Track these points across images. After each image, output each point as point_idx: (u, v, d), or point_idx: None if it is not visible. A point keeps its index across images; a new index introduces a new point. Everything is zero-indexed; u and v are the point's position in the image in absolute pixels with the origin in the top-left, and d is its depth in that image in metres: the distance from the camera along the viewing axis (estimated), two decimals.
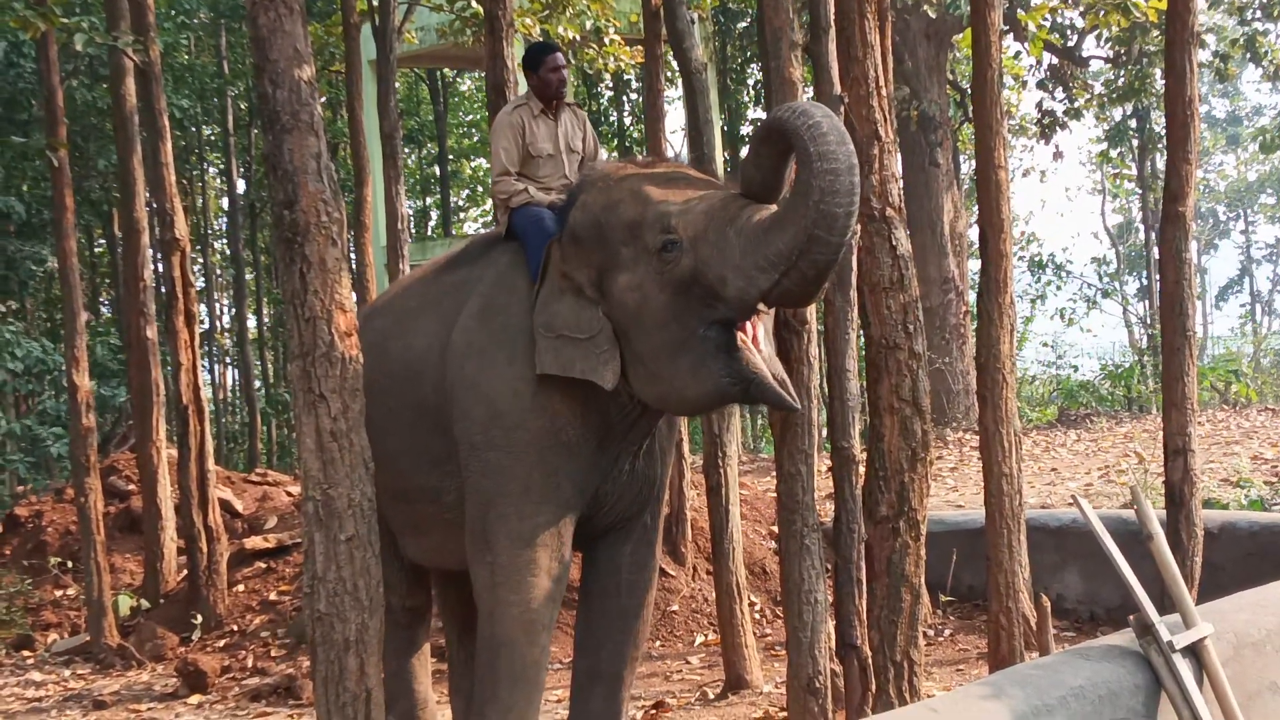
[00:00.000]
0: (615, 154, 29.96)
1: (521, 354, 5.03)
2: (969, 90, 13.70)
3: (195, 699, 8.38)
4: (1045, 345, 26.49)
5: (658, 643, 8.89)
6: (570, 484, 5.05)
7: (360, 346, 4.51)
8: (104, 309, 28.41)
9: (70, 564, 11.44)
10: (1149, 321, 26.46)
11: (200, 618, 9.84)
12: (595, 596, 5.41)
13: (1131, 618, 4.24)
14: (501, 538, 4.99)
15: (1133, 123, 25.10)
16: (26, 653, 10.21)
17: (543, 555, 5.00)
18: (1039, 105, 21.21)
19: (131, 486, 12.24)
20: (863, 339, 5.33)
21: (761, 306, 4.70)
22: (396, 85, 12.40)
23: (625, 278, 4.84)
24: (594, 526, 5.23)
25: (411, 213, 31.96)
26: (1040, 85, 21.32)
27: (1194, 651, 4.20)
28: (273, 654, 9.14)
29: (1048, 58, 20.43)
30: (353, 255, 12.82)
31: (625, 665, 5.32)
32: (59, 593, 11.36)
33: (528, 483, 4.99)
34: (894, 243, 5.07)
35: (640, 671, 8.07)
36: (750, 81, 26.81)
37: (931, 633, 8.63)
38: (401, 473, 5.46)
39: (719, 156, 16.82)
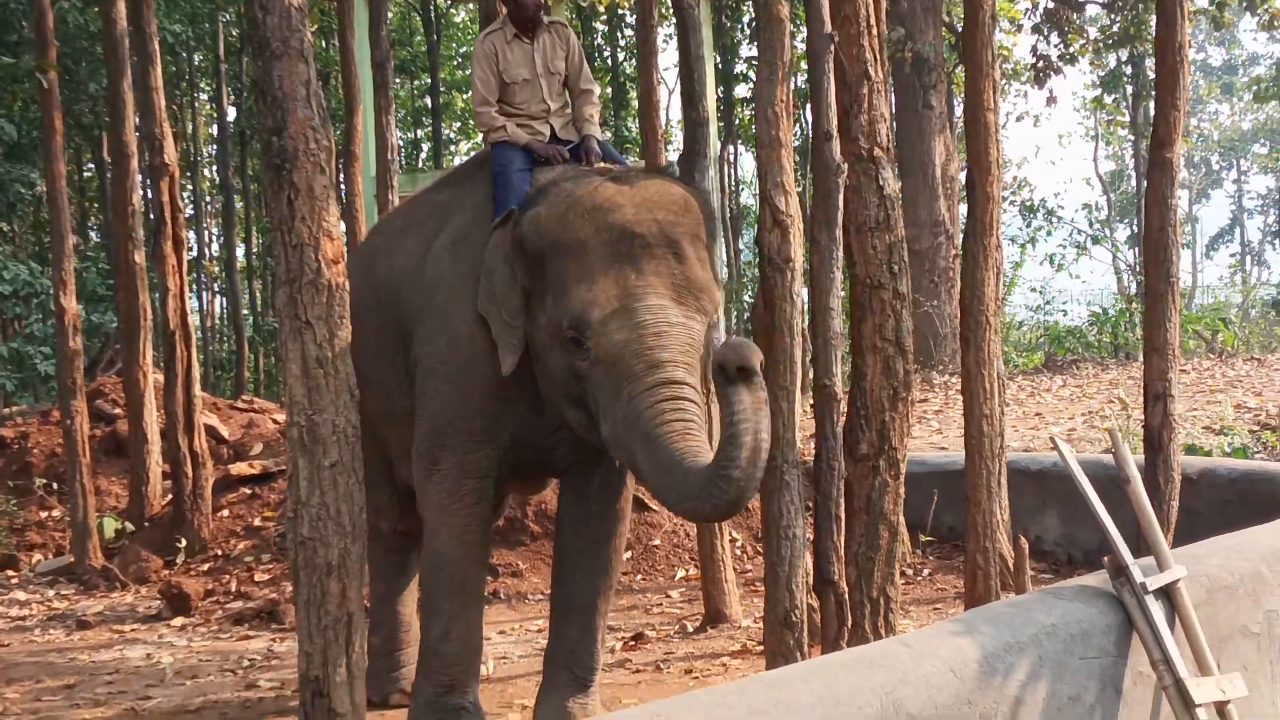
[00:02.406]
0: (609, 90, 29.86)
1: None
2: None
3: (178, 621, 8.43)
4: (1034, 291, 26.51)
5: (639, 576, 8.96)
6: (510, 430, 5.15)
7: (356, 265, 4.54)
8: (93, 234, 28.29)
9: (55, 486, 11.47)
10: (1138, 269, 26.47)
11: (184, 542, 9.89)
12: (567, 527, 5.47)
13: (1106, 559, 4.28)
14: (447, 464, 5.10)
15: (1127, 69, 25.06)
16: (11, 572, 10.25)
17: (484, 484, 5.16)
18: (1033, 49, 21.14)
19: (118, 410, 12.26)
20: (847, 278, 5.35)
21: None
22: (389, 14, 12.34)
23: (543, 319, 4.85)
24: (556, 459, 5.26)
25: (402, 144, 31.82)
26: (1035, 29, 21.22)
27: (1167, 594, 4.24)
28: (256, 579, 9.20)
29: (1043, 1, 20.36)
30: (342, 185, 12.78)
31: (599, 594, 5.37)
32: (44, 514, 11.40)
33: (472, 422, 5.08)
34: (881, 183, 5.09)
35: (621, 604, 8.15)
36: (745, 19, 26.66)
37: (910, 572, 8.71)
38: (388, 394, 5.50)
39: (711, 94, 16.76)
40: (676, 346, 4.56)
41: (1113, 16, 21.01)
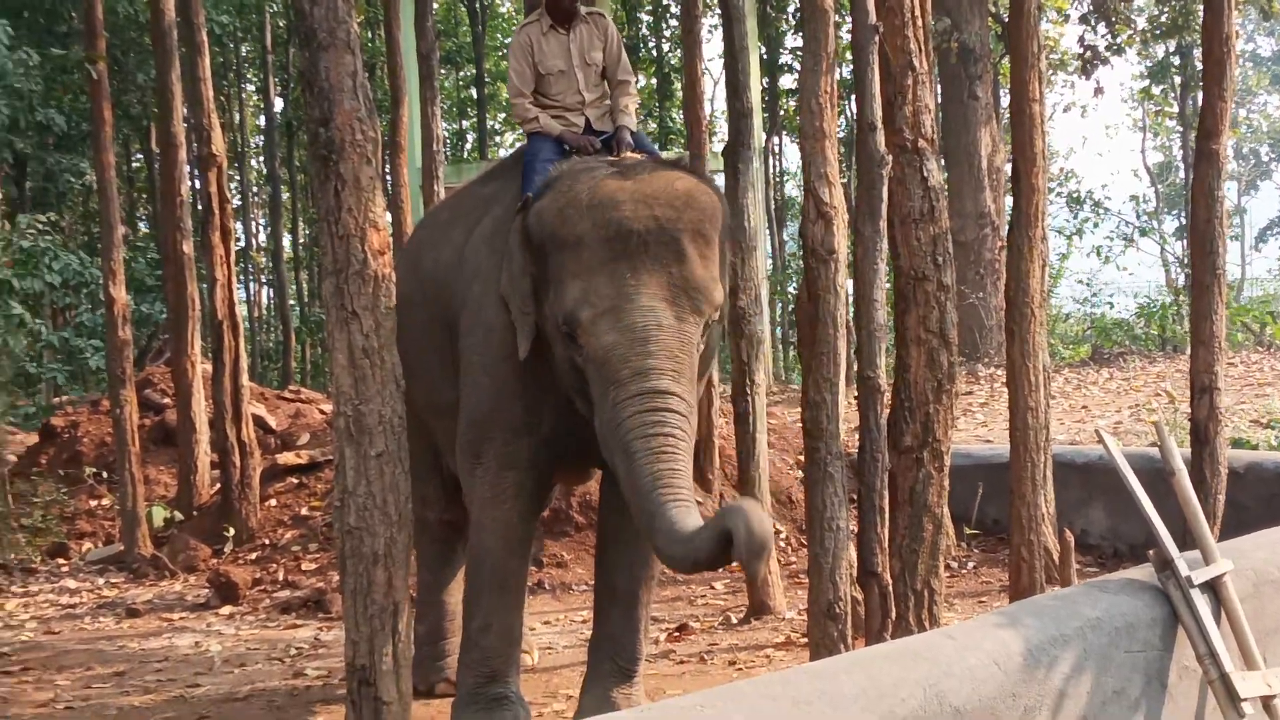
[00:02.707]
0: (654, 81, 29.85)
1: None
2: None
3: (226, 610, 8.50)
4: (1081, 283, 26.34)
5: None
6: (550, 421, 5.14)
7: (404, 259, 4.56)
8: (142, 224, 28.49)
9: (105, 474, 11.57)
10: (1186, 261, 26.27)
11: (232, 531, 9.97)
12: (608, 518, 5.47)
13: (1151, 552, 4.26)
14: (488, 457, 5.10)
15: (1175, 59, 24.87)
16: (61, 560, 10.36)
17: (526, 477, 5.16)
18: (1081, 40, 21.00)
19: (166, 400, 12.34)
20: (891, 270, 5.34)
21: None
22: (434, 5, 12.36)
23: (546, 309, 4.86)
24: (597, 449, 5.25)
25: (447, 135, 31.89)
26: (1083, 19, 21.10)
27: (1212, 587, 4.23)
28: (303, 568, 9.25)
29: None
30: (388, 176, 12.84)
31: (640, 585, 5.36)
32: (94, 503, 11.49)
33: (511, 414, 5.09)
34: (925, 174, 5.07)
35: (665, 595, 8.17)
36: (790, 10, 26.61)
37: (955, 565, 8.69)
38: (434, 386, 5.53)
39: (755, 85, 16.73)
40: (663, 352, 4.53)
41: (1161, 7, 20.84)
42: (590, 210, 4.72)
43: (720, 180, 7.98)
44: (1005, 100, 21.30)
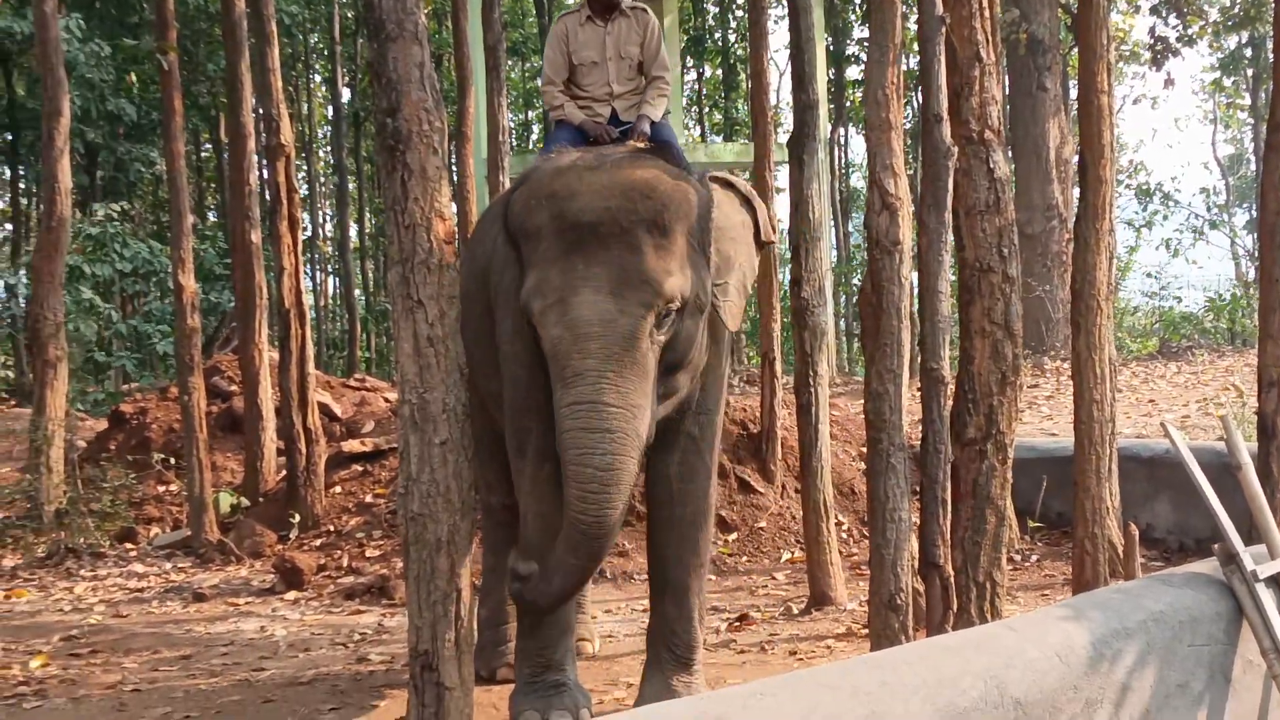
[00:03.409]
0: (719, 72, 29.82)
1: None
2: None
3: (291, 595, 8.57)
4: (1149, 276, 26.12)
5: (744, 558, 8.98)
6: None
7: (465, 250, 4.58)
8: (211, 214, 28.77)
9: (173, 461, 11.69)
10: (1256, 254, 25.99)
11: (298, 517, 10.05)
12: (653, 508, 5.46)
13: (1216, 546, 4.24)
14: (528, 448, 5.08)
15: (1247, 51, 24.58)
16: (129, 545, 10.47)
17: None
18: (1151, 31, 20.81)
19: (234, 387, 12.46)
20: (956, 261, 5.32)
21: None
22: None
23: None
24: None
25: (513, 125, 31.98)
26: (1153, 10, 20.90)
27: (1278, 582, 4.20)
28: (367, 554, 9.32)
29: None
30: (454, 166, 12.90)
31: (689, 574, 5.34)
32: (161, 488, 11.61)
33: (544, 405, 4.96)
34: (991, 165, 5.05)
35: (726, 585, 8.19)
36: (857, 1, 26.53)
37: (1019, 558, 8.65)
38: (490, 376, 5.56)
39: (821, 76, 16.68)
40: (602, 351, 4.50)
41: None
42: (548, 201, 4.73)
43: (784, 172, 7.98)
44: (1074, 92, 21.14)
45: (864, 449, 6.41)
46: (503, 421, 5.65)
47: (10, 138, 24.74)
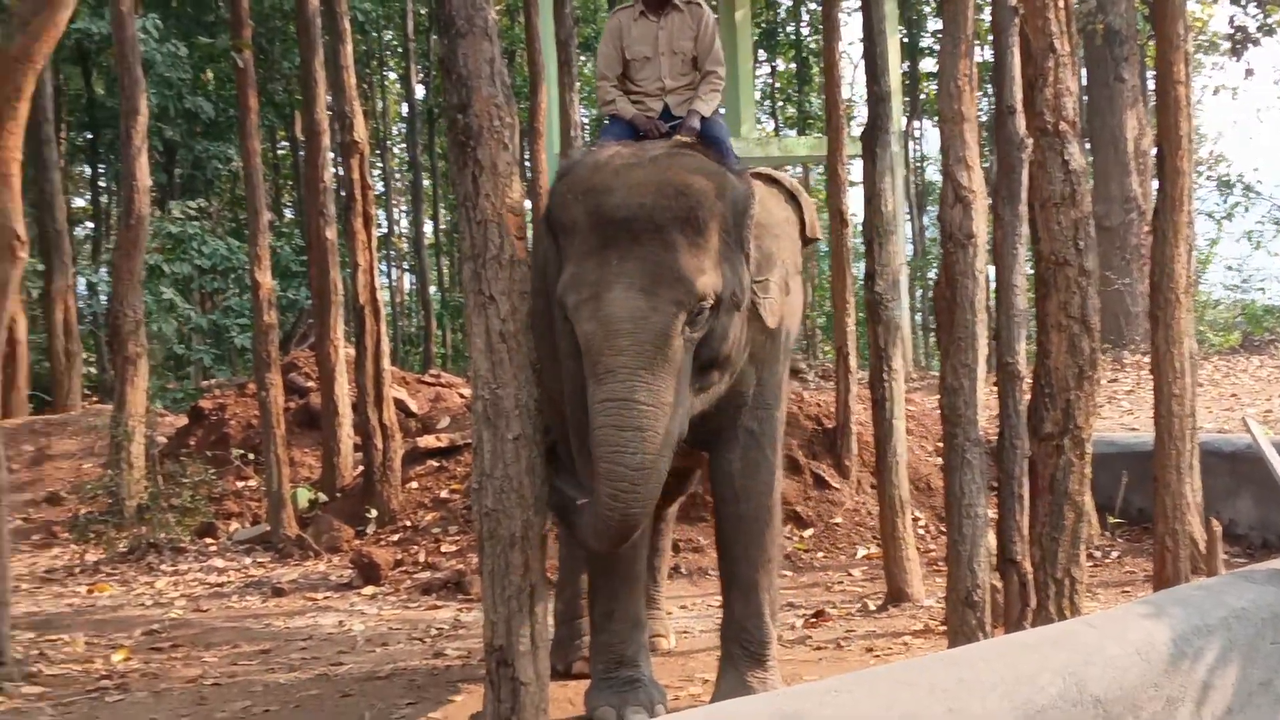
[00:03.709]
0: (792, 65, 29.72)
1: None
2: None
3: (369, 590, 8.63)
4: (1231, 269, 25.74)
5: (820, 554, 8.94)
6: None
7: (532, 246, 4.59)
8: (288, 211, 29.01)
9: (252, 456, 11.80)
10: None
11: (375, 512, 10.11)
12: (718, 505, 5.44)
13: None
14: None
15: None
16: (209, 540, 10.58)
17: None
18: (1231, 20, 20.51)
19: (311, 383, 12.55)
20: (1032, 254, 5.27)
21: None
22: None
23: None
24: (700, 434, 5.18)
25: (585, 121, 32.01)
26: (1233, 0, 20.60)
27: None
28: (443, 549, 9.36)
29: None
30: (526, 162, 12.92)
31: (757, 570, 5.31)
32: (240, 484, 11.73)
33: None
34: (1066, 157, 4.99)
35: (802, 581, 8.16)
36: None
37: (1098, 554, 8.56)
38: (552, 371, 5.55)
39: (895, 68, 16.59)
40: (633, 348, 4.50)
41: None
42: (585, 196, 4.73)
43: (858, 165, 7.93)
44: (1152, 83, 20.89)
45: (940, 444, 6.37)
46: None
47: (90, 136, 25.06)
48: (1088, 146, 19.49)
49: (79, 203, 28.03)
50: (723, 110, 5.79)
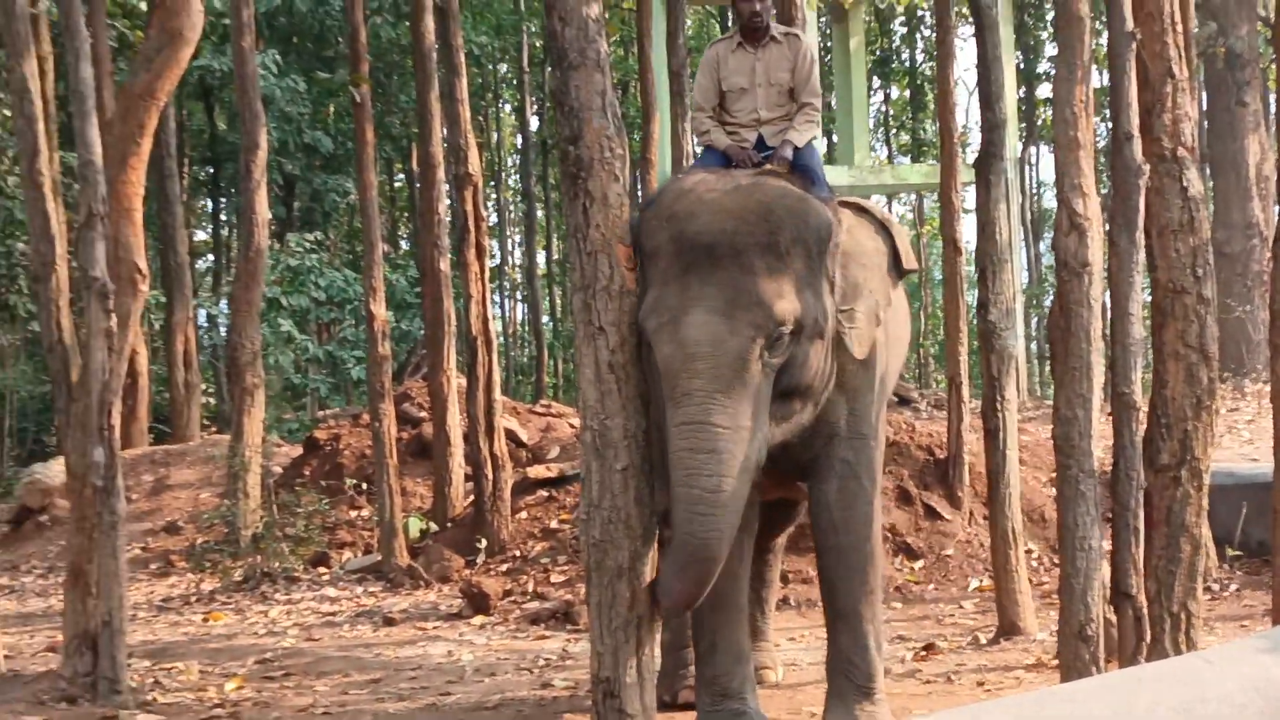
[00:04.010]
0: (907, 92, 29.60)
1: None
2: None
3: (478, 620, 8.66)
4: None
5: (931, 586, 8.86)
6: None
7: None
8: (404, 243, 29.31)
9: (364, 486, 11.90)
10: None
11: (484, 542, 10.15)
12: (817, 537, 5.40)
13: None
14: None
15: None
16: (322, 569, 10.69)
17: None
18: None
19: (423, 414, 12.63)
20: (1149, 282, 5.20)
21: None
22: (687, 22, 12.46)
23: None
24: (781, 460, 5.15)
25: (698, 150, 32.05)
26: None
27: None
28: (552, 580, 9.39)
29: None
30: (639, 193, 12.97)
31: (860, 601, 5.28)
32: (353, 513, 11.84)
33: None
34: (1185, 183, 4.94)
35: (912, 614, 8.09)
36: (1049, 18, 26.11)
37: (1216, 587, 8.40)
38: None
39: (1010, 94, 16.45)
40: (710, 371, 4.52)
41: None
42: (669, 222, 4.76)
43: (972, 192, 7.87)
44: (1275, 107, 20.53)
45: (1054, 475, 6.28)
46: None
47: (211, 170, 25.51)
48: (1207, 172, 19.21)
49: (200, 236, 28.51)
50: (819, 139, 5.76)
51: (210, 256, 28.36)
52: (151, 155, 7.65)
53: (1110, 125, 5.41)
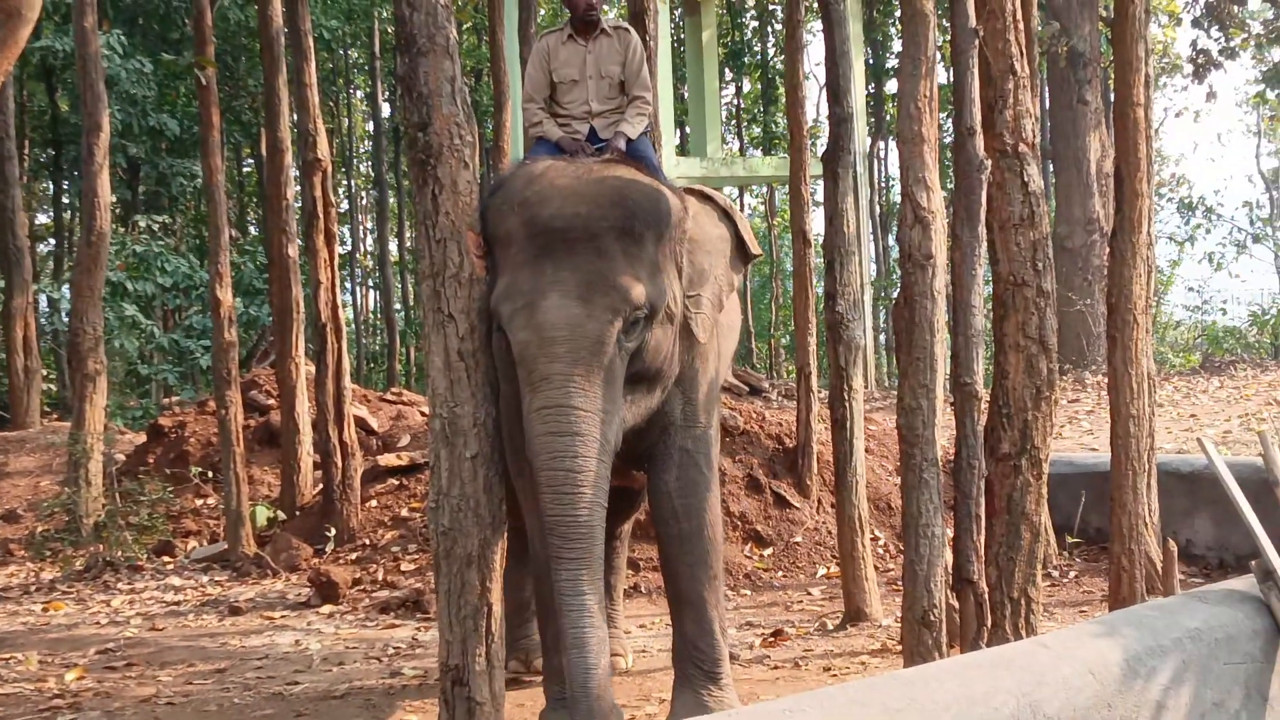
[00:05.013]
0: (758, 85, 29.81)
1: None
2: None
3: (327, 609, 8.58)
4: (1192, 290, 25.92)
5: (779, 573, 8.94)
6: None
7: None
8: (253, 229, 28.91)
9: (210, 474, 11.73)
10: None
11: (334, 531, 10.05)
12: (659, 525, 5.41)
13: (1253, 562, 4.20)
14: (528, 471, 4.99)
15: None
16: (167, 558, 10.52)
17: None
18: (1193, 44, 20.71)
19: (271, 401, 12.49)
20: (990, 275, 5.29)
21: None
22: (539, 12, 12.43)
23: None
24: (633, 452, 5.17)
25: None
26: (1195, 23, 20.77)
27: None
28: (402, 568, 9.32)
29: None
30: (491, 179, 12.91)
31: (704, 587, 5.29)
32: (199, 501, 11.66)
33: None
34: (1026, 179, 5.03)
35: (761, 600, 8.17)
36: (897, 14, 26.48)
37: (1056, 574, 8.59)
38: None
39: (859, 89, 16.63)
40: (569, 355, 4.52)
41: (1278, 10, 20.47)
42: (520, 208, 4.75)
43: (821, 185, 7.95)
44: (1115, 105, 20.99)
45: (899, 464, 6.38)
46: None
47: (53, 153, 24.94)
48: (1050, 168, 19.63)
49: (42, 219, 27.90)
50: (648, 133, 5.78)
51: (52, 240, 27.74)
52: None
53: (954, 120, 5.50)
